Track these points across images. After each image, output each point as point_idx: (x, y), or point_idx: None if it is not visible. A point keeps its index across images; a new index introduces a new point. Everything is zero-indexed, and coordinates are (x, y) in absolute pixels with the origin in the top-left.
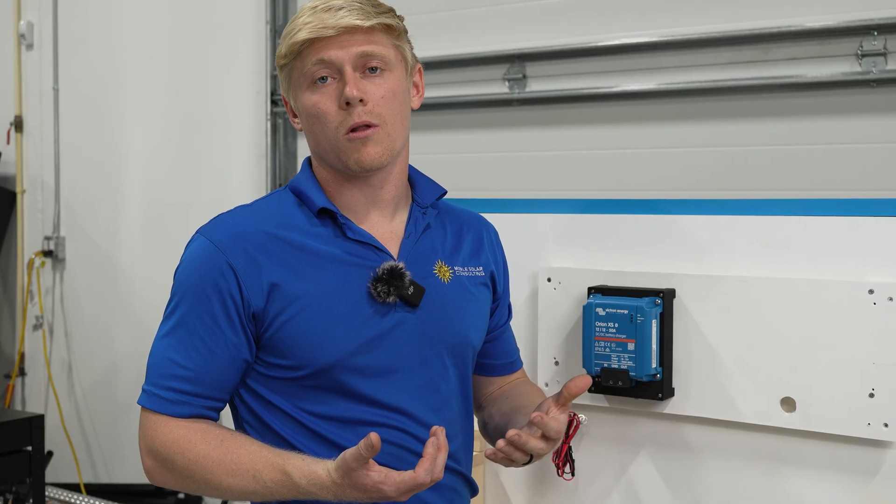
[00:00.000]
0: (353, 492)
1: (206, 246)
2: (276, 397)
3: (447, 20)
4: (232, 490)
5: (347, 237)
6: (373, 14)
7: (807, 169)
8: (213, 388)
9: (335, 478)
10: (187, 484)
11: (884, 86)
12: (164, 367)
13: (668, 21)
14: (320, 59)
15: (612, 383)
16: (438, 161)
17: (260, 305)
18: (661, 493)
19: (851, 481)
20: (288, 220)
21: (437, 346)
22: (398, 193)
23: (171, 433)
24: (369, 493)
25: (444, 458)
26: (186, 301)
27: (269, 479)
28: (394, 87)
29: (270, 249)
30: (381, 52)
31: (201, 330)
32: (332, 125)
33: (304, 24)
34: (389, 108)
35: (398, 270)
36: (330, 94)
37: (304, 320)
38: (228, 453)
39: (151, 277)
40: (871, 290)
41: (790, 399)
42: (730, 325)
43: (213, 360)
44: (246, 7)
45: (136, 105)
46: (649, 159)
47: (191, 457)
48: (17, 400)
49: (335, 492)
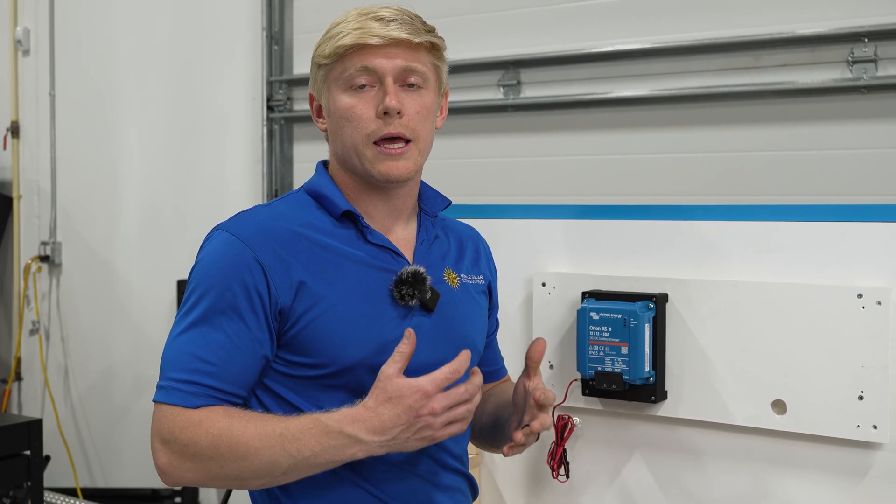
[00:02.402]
0: (386, 407)
1: (233, 242)
2: (294, 396)
3: (442, 27)
4: (260, 455)
5: (368, 241)
6: (421, 31)
7: (798, 175)
8: (234, 384)
9: (369, 403)
10: (209, 467)
11: (874, 92)
12: (185, 363)
13: (660, 28)
14: (364, 66)
15: (606, 386)
16: (433, 167)
17: (287, 303)
18: (655, 494)
19: (841, 482)
20: (310, 221)
21: (450, 349)
22: (412, 204)
23: (191, 417)
24: (404, 399)
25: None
26: (210, 296)
27: (297, 429)
28: (428, 105)
29: (297, 247)
30: (423, 70)
31: (226, 325)
32: (364, 130)
33: (352, 29)
34: (423, 124)
35: (421, 275)
36: (368, 100)
37: (329, 319)
38: (253, 421)
39: (148, 282)
40: (860, 294)
41: (781, 402)
42: (722, 329)
43: (236, 355)
44: (242, 13)
45: (133, 110)
46: (642, 165)
47: (215, 432)
48: (14, 405)
49: (366, 418)
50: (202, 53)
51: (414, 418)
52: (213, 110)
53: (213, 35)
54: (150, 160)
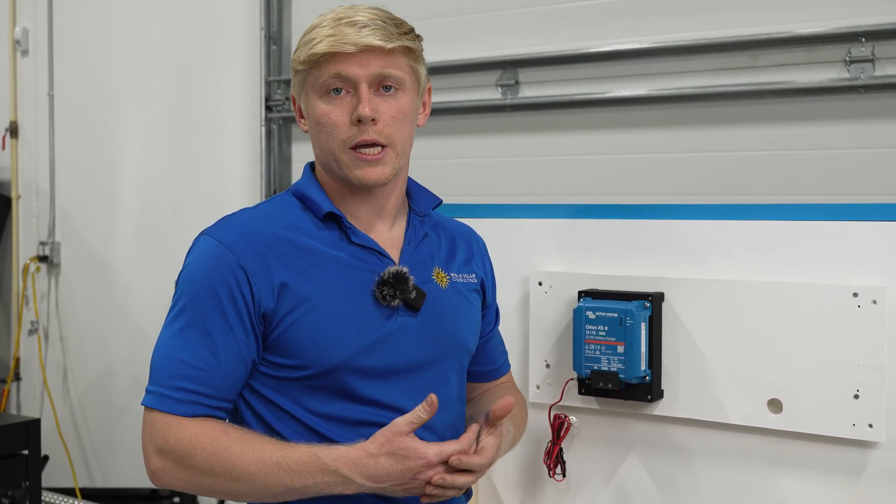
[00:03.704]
0: (387, 460)
1: (216, 247)
2: (279, 397)
3: (440, 26)
4: (254, 480)
5: (352, 242)
6: (395, 36)
7: (795, 174)
8: (222, 388)
9: (370, 449)
10: (202, 480)
11: (871, 92)
12: (173, 368)
13: (658, 28)
14: (338, 73)
15: (602, 385)
16: (431, 167)
17: (270, 305)
18: (651, 493)
19: (837, 481)
20: (294, 223)
21: (437, 349)
22: (398, 204)
23: (186, 430)
24: (407, 460)
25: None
26: (196, 301)
27: (293, 461)
28: (405, 108)
29: (279, 250)
30: (398, 75)
31: (212, 330)
32: (339, 137)
33: (325, 36)
34: (399, 128)
35: (403, 275)
36: (342, 106)
37: (311, 321)
38: (251, 444)
39: (146, 282)
40: (856, 293)
41: (777, 401)
42: (718, 328)
43: (224, 360)
44: (240, 13)
45: (132, 111)
46: (640, 164)
47: (212, 449)
48: (13, 405)
49: (364, 464)
50: (201, 53)
51: (409, 479)
52: (212, 110)
53: (211, 35)
54: (149, 160)
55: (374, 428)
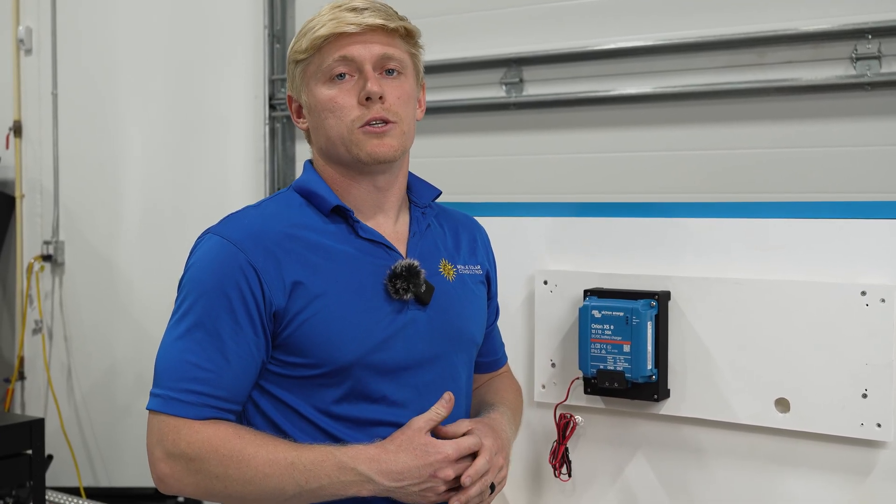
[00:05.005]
0: (406, 455)
1: (224, 245)
2: (290, 396)
3: (444, 24)
4: (267, 482)
5: (359, 236)
6: (395, 17)
7: (802, 172)
8: (232, 390)
9: (389, 446)
10: (212, 485)
11: (878, 89)
12: (181, 370)
13: (663, 25)
14: (342, 55)
15: (608, 385)
16: (436, 164)
17: (282, 304)
18: (657, 493)
19: (845, 481)
20: (300, 220)
21: (446, 343)
22: (401, 196)
23: (198, 433)
24: (427, 455)
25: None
26: (204, 301)
27: (309, 460)
28: (408, 91)
29: (288, 248)
30: (400, 56)
31: (222, 331)
32: (348, 118)
33: (327, 20)
34: (405, 108)
35: (415, 268)
36: (348, 90)
37: (324, 318)
38: (265, 446)
39: (150, 281)
40: (864, 291)
41: (784, 400)
42: (724, 326)
43: (234, 360)
44: (244, 11)
45: (135, 110)
46: (645, 163)
47: (225, 452)
48: (17, 404)
49: (383, 459)
50: (204, 52)
51: (428, 476)
52: (215, 109)
53: (214, 33)
54: (152, 159)
55: (382, 426)
